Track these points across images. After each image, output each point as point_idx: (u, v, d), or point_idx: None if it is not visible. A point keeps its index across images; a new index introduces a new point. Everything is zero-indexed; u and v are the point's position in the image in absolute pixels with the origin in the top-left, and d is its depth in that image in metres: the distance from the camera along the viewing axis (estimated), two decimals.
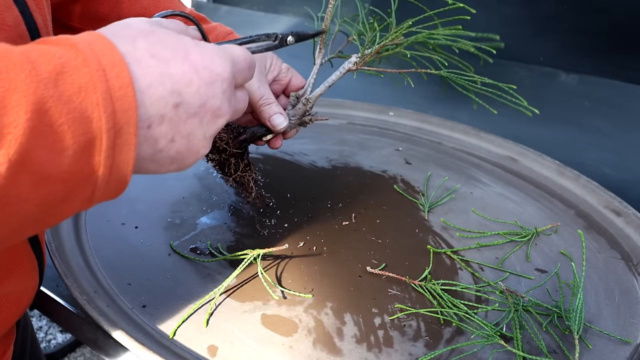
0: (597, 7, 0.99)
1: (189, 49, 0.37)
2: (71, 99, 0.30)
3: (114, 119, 0.32)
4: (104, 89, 0.31)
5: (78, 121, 0.30)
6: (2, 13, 0.37)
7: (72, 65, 0.31)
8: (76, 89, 0.30)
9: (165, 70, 0.35)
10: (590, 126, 1.04)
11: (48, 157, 0.30)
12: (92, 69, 0.31)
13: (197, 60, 0.37)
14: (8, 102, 0.28)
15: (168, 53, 0.36)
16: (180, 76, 0.36)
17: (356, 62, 0.66)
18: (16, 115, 0.28)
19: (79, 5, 0.64)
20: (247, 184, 0.68)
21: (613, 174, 0.99)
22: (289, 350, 0.51)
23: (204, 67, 0.37)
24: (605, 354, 0.54)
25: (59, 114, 0.30)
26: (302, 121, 0.66)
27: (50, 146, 0.30)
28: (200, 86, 0.36)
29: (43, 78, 0.29)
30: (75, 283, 0.55)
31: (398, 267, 0.63)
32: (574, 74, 1.04)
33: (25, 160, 0.29)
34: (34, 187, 0.30)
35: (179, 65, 0.36)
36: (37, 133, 0.29)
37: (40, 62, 0.30)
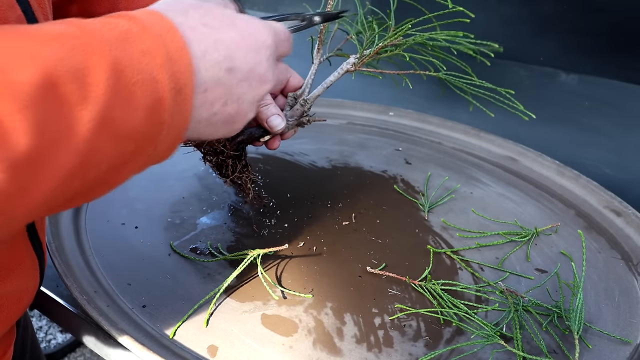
0: (597, 7, 0.98)
1: (235, 18, 0.40)
2: (139, 61, 0.33)
3: (175, 80, 0.34)
4: (164, 52, 0.34)
5: (147, 82, 0.33)
6: (5, 12, 0.37)
7: (134, 32, 0.33)
8: (140, 53, 0.33)
9: (218, 37, 0.38)
10: (590, 126, 1.04)
11: (124, 116, 0.32)
12: (152, 35, 0.34)
13: (244, 27, 0.40)
14: (90, 64, 0.30)
15: (217, 22, 0.38)
16: (230, 42, 0.38)
17: (355, 63, 0.66)
18: (97, 76, 0.30)
19: (75, 6, 0.64)
20: (245, 184, 0.67)
21: (613, 174, 0.99)
22: (289, 350, 0.51)
23: (249, 34, 0.40)
24: (605, 354, 0.54)
25: (131, 75, 0.32)
26: (300, 122, 0.66)
27: (126, 105, 0.32)
28: (247, 52, 0.40)
29: (113, 42, 0.32)
30: (75, 283, 0.55)
31: (398, 267, 0.63)
32: (574, 74, 1.04)
33: (107, 118, 0.31)
34: (111, 145, 0.32)
35: (228, 32, 0.39)
36: (115, 93, 0.31)
37: (106, 30, 0.32)
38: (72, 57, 0.30)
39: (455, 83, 0.68)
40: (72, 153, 0.30)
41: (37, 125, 0.28)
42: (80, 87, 0.30)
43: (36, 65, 0.28)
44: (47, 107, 0.28)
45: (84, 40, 0.31)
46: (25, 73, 0.28)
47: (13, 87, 0.27)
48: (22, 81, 0.27)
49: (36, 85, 0.28)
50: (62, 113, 0.29)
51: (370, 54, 0.65)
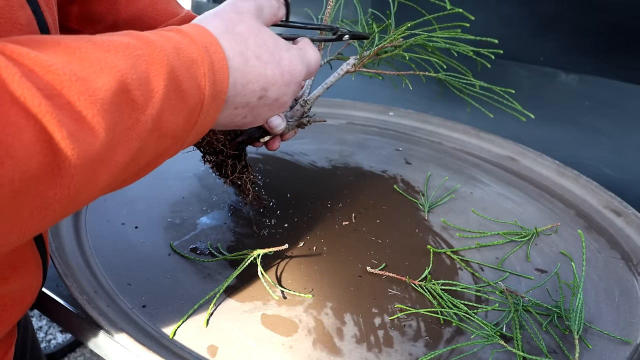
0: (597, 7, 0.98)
1: (282, 54, 0.45)
2: (188, 70, 0.37)
3: (213, 88, 0.39)
4: (209, 61, 0.39)
5: (194, 87, 0.38)
6: (16, 12, 0.38)
7: (184, 43, 0.38)
8: (190, 62, 0.37)
9: (262, 72, 0.44)
10: (590, 126, 1.04)
11: (171, 117, 0.36)
12: (199, 46, 0.38)
13: (286, 66, 0.46)
14: (151, 71, 0.34)
15: (268, 56, 0.44)
16: (271, 77, 0.45)
17: (354, 63, 0.66)
18: (157, 82, 0.35)
19: (76, 6, 0.64)
20: (244, 185, 0.67)
21: (613, 174, 0.99)
22: (289, 350, 0.51)
23: (288, 72, 0.46)
24: (605, 354, 0.54)
25: (183, 81, 0.37)
26: (300, 123, 0.66)
27: (174, 108, 0.36)
28: (280, 86, 0.46)
29: (169, 52, 0.36)
30: (75, 283, 0.55)
31: (398, 267, 0.63)
32: (574, 74, 1.04)
33: (158, 120, 0.35)
34: (155, 143, 0.36)
35: (273, 69, 0.45)
36: (169, 97, 0.36)
37: (162, 41, 0.37)
38: (138, 66, 0.34)
39: (454, 84, 0.68)
40: (129, 150, 0.34)
41: (110, 126, 0.31)
42: (145, 92, 0.34)
43: (111, 74, 0.32)
44: (119, 111, 0.32)
45: (146, 51, 0.35)
46: (102, 80, 0.31)
47: (93, 93, 0.30)
48: (100, 87, 0.31)
49: (112, 91, 0.31)
50: (129, 115, 0.33)
51: (369, 54, 0.65)
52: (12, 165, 0.27)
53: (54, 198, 0.30)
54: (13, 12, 0.37)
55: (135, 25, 0.65)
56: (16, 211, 0.28)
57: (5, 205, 0.27)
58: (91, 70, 0.31)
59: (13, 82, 0.27)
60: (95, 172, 0.31)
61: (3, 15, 0.36)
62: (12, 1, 0.37)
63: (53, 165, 0.29)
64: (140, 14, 0.65)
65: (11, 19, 0.37)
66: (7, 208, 0.28)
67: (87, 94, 0.30)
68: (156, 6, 0.65)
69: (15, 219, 0.29)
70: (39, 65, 0.29)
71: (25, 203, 0.29)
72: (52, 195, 0.30)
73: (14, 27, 0.38)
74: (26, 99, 0.27)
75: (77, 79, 0.30)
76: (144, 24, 0.65)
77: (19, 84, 0.27)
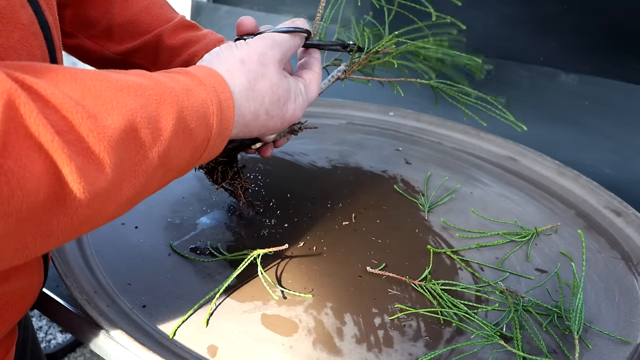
0: (597, 7, 0.98)
1: (289, 107, 0.50)
2: (198, 110, 0.39)
3: (220, 125, 0.42)
4: (217, 101, 0.41)
5: (202, 126, 0.40)
6: (18, 12, 0.38)
7: (193, 84, 0.40)
8: (200, 102, 0.40)
9: (266, 124, 0.49)
10: (590, 126, 1.04)
11: (178, 154, 0.38)
12: (207, 87, 0.41)
13: (290, 117, 0.51)
14: (161, 111, 0.36)
15: (277, 111, 0.49)
16: (272, 126, 0.50)
17: (345, 70, 0.66)
18: (166, 122, 0.36)
19: (70, 9, 0.64)
20: (236, 191, 0.67)
21: (613, 174, 0.99)
22: (289, 350, 0.51)
23: (288, 121, 0.51)
24: (605, 354, 0.54)
25: (191, 121, 0.39)
26: (292, 129, 0.66)
27: (181, 146, 0.38)
28: (280, 125, 0.51)
29: (179, 93, 0.38)
30: (75, 283, 0.55)
31: (398, 267, 0.63)
32: (574, 74, 1.04)
33: (166, 157, 0.37)
34: (161, 177, 0.39)
35: (277, 122, 0.50)
36: (177, 136, 0.37)
37: (172, 83, 0.39)
38: (148, 106, 0.35)
39: (447, 91, 0.68)
40: (135, 185, 0.35)
41: (116, 162, 0.32)
42: (153, 131, 0.35)
43: (122, 113, 0.33)
44: (127, 148, 0.33)
45: (157, 91, 0.36)
46: (112, 119, 0.32)
47: (103, 130, 0.32)
48: (109, 125, 0.32)
49: (120, 129, 0.33)
50: (136, 152, 0.34)
51: (358, 62, 0.65)
52: (22, 197, 0.28)
53: (57, 227, 0.31)
54: (15, 12, 0.37)
55: (130, 30, 0.65)
56: (20, 237, 0.30)
57: (10, 231, 0.28)
58: (103, 108, 0.32)
59: (30, 117, 0.28)
60: (100, 205, 0.33)
61: (5, 15, 0.37)
62: (13, 1, 0.37)
63: (60, 197, 0.30)
64: (135, 19, 0.65)
65: (13, 19, 0.37)
66: (12, 234, 0.29)
67: (96, 131, 0.31)
68: (150, 11, 0.65)
69: (18, 244, 0.30)
70: (54, 102, 0.30)
71: (30, 230, 0.30)
72: (56, 225, 0.31)
73: (16, 27, 0.38)
74: (40, 134, 0.28)
75: (89, 116, 0.31)
76: (138, 28, 0.65)
77: (35, 120, 0.28)
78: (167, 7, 0.67)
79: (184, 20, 0.67)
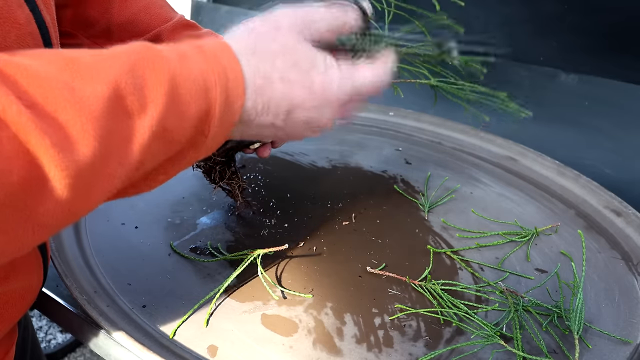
0: (597, 7, 0.98)
1: (314, 76, 0.41)
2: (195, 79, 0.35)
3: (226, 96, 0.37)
4: (221, 69, 0.37)
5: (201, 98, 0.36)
6: (15, 11, 0.38)
7: (191, 51, 0.36)
8: (198, 71, 0.36)
9: (288, 93, 0.40)
10: (590, 126, 1.04)
11: (176, 124, 0.35)
12: (207, 54, 0.37)
13: (318, 90, 0.41)
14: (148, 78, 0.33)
15: (296, 76, 0.40)
16: (298, 99, 0.41)
17: None
18: (155, 89, 0.33)
19: (69, 9, 0.64)
20: (233, 191, 0.67)
21: (613, 174, 0.99)
22: (289, 350, 0.51)
23: (320, 95, 0.41)
24: (605, 354, 0.54)
25: (185, 89, 0.35)
26: None
27: (179, 116, 0.35)
28: (309, 109, 0.42)
29: (172, 59, 0.35)
30: (75, 283, 0.55)
31: (398, 267, 0.63)
32: (574, 74, 1.04)
33: (161, 127, 0.34)
34: (162, 149, 0.35)
35: (300, 91, 0.41)
36: (171, 104, 0.34)
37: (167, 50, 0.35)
38: (134, 71, 0.32)
39: (449, 89, 0.68)
40: (130, 160, 0.32)
41: (102, 135, 0.30)
42: (140, 98, 0.32)
43: (104, 81, 0.30)
44: (112, 118, 0.30)
45: (145, 55, 0.33)
46: (93, 87, 0.30)
47: (82, 100, 0.29)
48: (90, 95, 0.29)
49: (104, 99, 0.30)
50: (123, 123, 0.31)
51: None
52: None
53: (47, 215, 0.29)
54: (12, 11, 0.37)
55: (129, 29, 0.65)
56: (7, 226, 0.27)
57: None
58: (82, 77, 0.30)
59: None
60: (90, 183, 0.30)
61: (2, 14, 0.36)
62: (10, 0, 0.37)
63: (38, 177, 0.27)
64: (134, 18, 0.65)
65: (10, 18, 0.37)
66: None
67: (75, 101, 0.29)
68: (149, 10, 0.65)
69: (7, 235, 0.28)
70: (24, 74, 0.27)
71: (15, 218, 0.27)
72: (44, 212, 0.28)
73: (13, 26, 0.38)
74: (4, 108, 0.26)
75: (65, 86, 0.29)
76: (137, 28, 0.65)
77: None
78: (166, 6, 0.67)
79: (183, 19, 0.67)
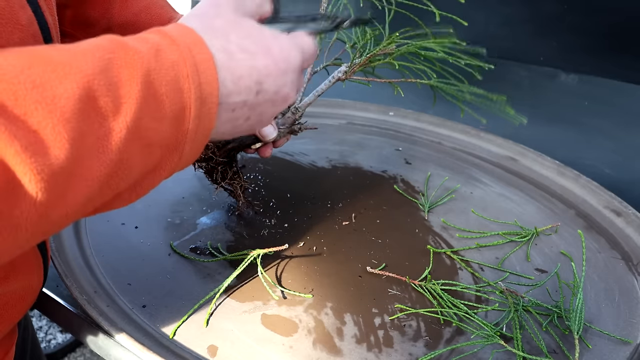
0: (597, 8, 0.98)
1: (270, 42, 0.42)
2: (167, 72, 0.34)
3: (200, 90, 0.36)
4: (192, 62, 0.36)
5: (173, 91, 0.34)
6: (17, 12, 0.37)
7: (164, 44, 0.35)
8: (170, 64, 0.34)
9: (253, 64, 0.40)
10: (590, 126, 1.04)
11: (152, 125, 0.33)
12: (180, 47, 0.35)
13: (277, 54, 0.42)
14: (122, 76, 0.32)
15: (254, 47, 0.40)
16: (263, 68, 0.40)
17: (346, 71, 0.66)
18: (129, 87, 0.32)
19: (70, 10, 0.64)
20: (235, 191, 0.67)
21: (613, 174, 0.99)
22: (289, 350, 0.51)
23: (282, 60, 0.42)
24: (605, 354, 0.54)
25: (160, 85, 0.34)
26: (292, 130, 0.66)
27: (155, 115, 0.33)
28: (277, 76, 0.42)
29: (145, 54, 0.33)
30: (75, 283, 0.55)
31: (398, 267, 0.63)
32: (574, 74, 1.04)
33: (136, 128, 0.32)
34: (140, 153, 0.33)
35: (262, 59, 0.40)
36: (145, 103, 0.32)
37: (139, 44, 0.34)
38: (107, 71, 0.31)
39: (448, 90, 0.68)
40: (105, 162, 0.31)
41: (75, 137, 0.29)
42: (114, 98, 0.31)
43: (75, 80, 0.29)
44: (86, 120, 0.29)
45: (119, 54, 0.32)
46: (64, 87, 0.29)
47: (53, 101, 0.28)
48: (61, 95, 0.28)
49: (75, 99, 0.29)
50: (99, 125, 0.30)
51: (360, 63, 0.65)
52: None
53: (21, 217, 0.28)
54: (14, 13, 0.37)
55: (129, 30, 0.65)
56: None
57: None
58: (53, 75, 0.28)
59: None
60: (65, 187, 0.29)
61: (4, 16, 0.36)
62: (12, 1, 0.37)
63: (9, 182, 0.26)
64: (134, 19, 0.64)
65: (12, 20, 0.37)
66: None
67: (45, 102, 0.28)
68: (150, 11, 0.65)
69: None
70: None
71: None
72: (19, 215, 0.28)
73: (15, 28, 0.38)
74: None
75: (34, 86, 0.27)
76: (138, 28, 0.65)
77: None
78: (167, 7, 0.67)
79: None
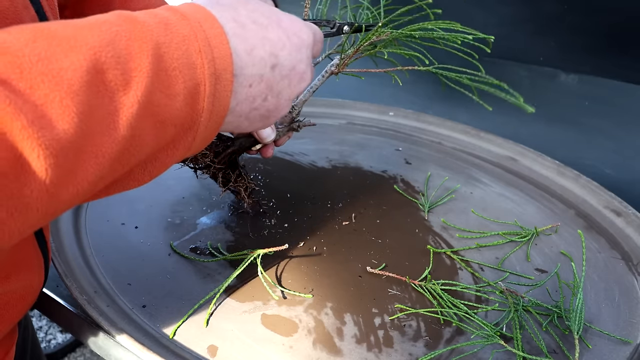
0: (597, 8, 0.98)
1: (281, 16, 0.41)
2: (178, 47, 0.33)
3: (214, 65, 0.35)
4: (203, 37, 0.35)
5: (186, 67, 0.33)
6: (20, 12, 0.38)
7: (174, 19, 0.34)
8: (181, 38, 0.34)
9: (265, 35, 0.39)
10: (590, 126, 1.04)
11: (165, 101, 0.33)
12: (191, 22, 0.35)
13: (288, 27, 0.41)
14: (132, 49, 0.31)
15: (265, 19, 0.39)
16: (276, 40, 0.40)
17: (337, 64, 0.65)
18: (140, 60, 0.31)
19: (68, 11, 0.64)
20: (240, 193, 0.67)
21: (613, 174, 0.99)
22: (289, 350, 0.51)
23: (294, 34, 0.41)
24: (605, 354, 0.54)
25: (171, 60, 0.33)
26: (292, 127, 0.66)
27: (166, 90, 0.32)
28: (291, 50, 0.41)
29: (154, 28, 0.33)
30: (75, 283, 0.55)
31: (398, 267, 0.63)
32: (574, 74, 1.04)
33: (148, 103, 0.31)
34: (152, 131, 0.33)
35: (275, 30, 0.40)
36: (156, 77, 0.32)
37: (148, 18, 0.33)
38: (115, 43, 0.30)
39: (450, 76, 0.66)
40: (117, 138, 0.30)
41: (83, 111, 0.28)
42: (124, 72, 0.30)
43: (82, 52, 0.28)
44: (95, 94, 0.29)
45: (127, 27, 0.31)
46: (70, 59, 0.28)
47: (60, 73, 0.27)
48: (68, 67, 0.28)
49: (82, 71, 0.28)
50: (107, 98, 0.29)
51: (351, 54, 0.64)
52: None
53: (32, 197, 0.27)
54: (18, 13, 0.37)
55: None
56: None
57: None
58: (58, 48, 0.28)
59: None
60: (75, 163, 0.28)
61: (8, 16, 0.37)
62: (16, 2, 0.37)
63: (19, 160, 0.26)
64: None
65: (16, 20, 0.37)
66: None
67: (50, 75, 0.27)
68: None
69: None
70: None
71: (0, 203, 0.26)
72: (29, 194, 0.27)
73: None
74: None
75: (39, 59, 0.27)
76: None
77: None
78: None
79: None
